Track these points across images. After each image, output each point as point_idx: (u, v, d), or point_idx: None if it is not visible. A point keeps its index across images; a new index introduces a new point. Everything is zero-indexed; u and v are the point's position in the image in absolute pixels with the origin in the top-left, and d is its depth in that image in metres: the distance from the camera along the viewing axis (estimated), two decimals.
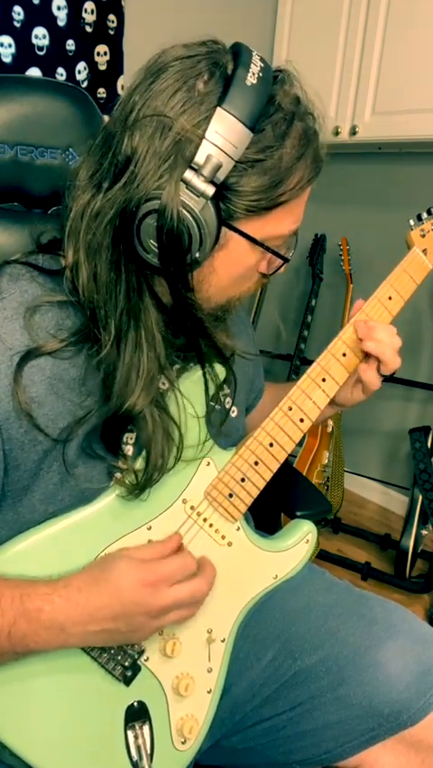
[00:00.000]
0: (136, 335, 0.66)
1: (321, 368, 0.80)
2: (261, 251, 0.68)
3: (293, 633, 0.86)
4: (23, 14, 1.69)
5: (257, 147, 0.62)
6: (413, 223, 0.85)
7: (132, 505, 0.72)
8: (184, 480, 0.76)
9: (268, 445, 0.78)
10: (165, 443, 0.70)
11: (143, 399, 0.67)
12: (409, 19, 1.88)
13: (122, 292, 0.65)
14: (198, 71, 0.61)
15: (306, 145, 0.65)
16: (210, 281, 0.68)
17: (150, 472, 0.70)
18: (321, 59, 2.10)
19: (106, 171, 0.64)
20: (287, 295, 2.71)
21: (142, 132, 0.61)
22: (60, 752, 0.70)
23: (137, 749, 0.72)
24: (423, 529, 2.02)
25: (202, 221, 0.61)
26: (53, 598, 0.64)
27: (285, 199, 0.65)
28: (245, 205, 0.63)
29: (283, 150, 0.63)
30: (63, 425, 0.68)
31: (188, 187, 0.60)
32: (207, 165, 0.59)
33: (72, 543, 0.70)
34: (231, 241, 0.66)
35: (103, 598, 0.65)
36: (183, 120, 0.60)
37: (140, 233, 0.62)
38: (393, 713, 0.79)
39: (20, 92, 0.94)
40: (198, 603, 0.73)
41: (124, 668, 0.72)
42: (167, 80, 0.61)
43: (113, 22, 1.87)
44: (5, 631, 0.63)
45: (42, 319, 0.67)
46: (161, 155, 0.60)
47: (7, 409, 0.65)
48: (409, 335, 2.30)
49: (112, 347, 0.66)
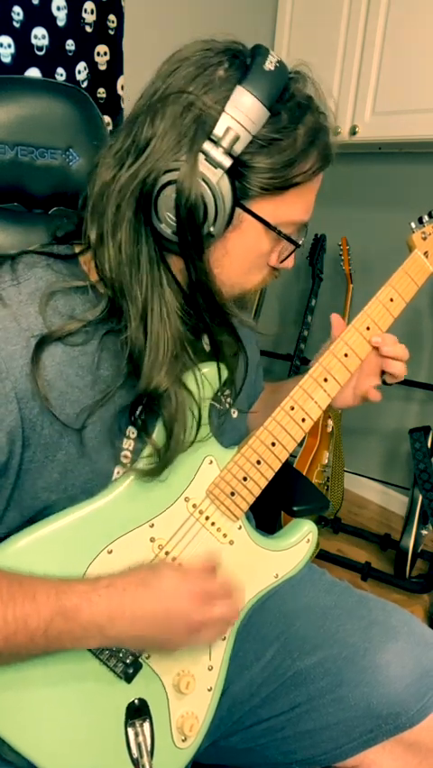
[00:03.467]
0: (160, 308, 0.68)
1: (323, 368, 0.80)
2: (272, 238, 0.70)
3: (292, 633, 0.86)
4: (22, 15, 1.69)
5: (273, 127, 0.64)
6: (414, 225, 0.86)
7: (134, 502, 0.72)
8: (186, 478, 0.76)
9: (270, 444, 0.78)
10: (185, 419, 0.72)
11: (169, 377, 0.69)
12: (409, 19, 1.89)
13: (144, 264, 0.67)
14: (218, 60, 0.64)
15: (318, 134, 0.67)
16: (223, 264, 0.69)
17: (172, 450, 0.71)
18: (321, 59, 2.09)
19: (129, 149, 0.66)
20: (287, 295, 2.71)
21: (164, 111, 0.64)
22: (61, 748, 0.70)
23: (138, 746, 0.72)
24: (423, 529, 2.03)
25: (219, 192, 0.64)
26: (91, 597, 0.64)
27: (299, 181, 0.67)
28: (260, 183, 0.65)
29: (297, 133, 0.65)
30: (71, 412, 0.68)
31: (207, 159, 0.63)
32: (226, 137, 0.62)
33: (75, 539, 0.70)
34: (244, 222, 0.68)
35: (149, 602, 0.66)
36: (205, 98, 0.63)
37: (158, 205, 0.64)
38: (392, 715, 0.79)
39: (20, 92, 0.94)
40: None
41: (126, 665, 0.72)
42: (188, 68, 0.64)
43: (113, 22, 1.86)
44: (42, 629, 0.62)
45: (57, 304, 0.68)
46: (182, 130, 0.63)
47: (24, 389, 0.66)
48: (410, 335, 2.30)
49: (139, 321, 0.67)
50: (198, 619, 0.68)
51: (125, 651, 0.72)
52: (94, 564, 0.70)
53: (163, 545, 0.74)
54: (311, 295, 2.31)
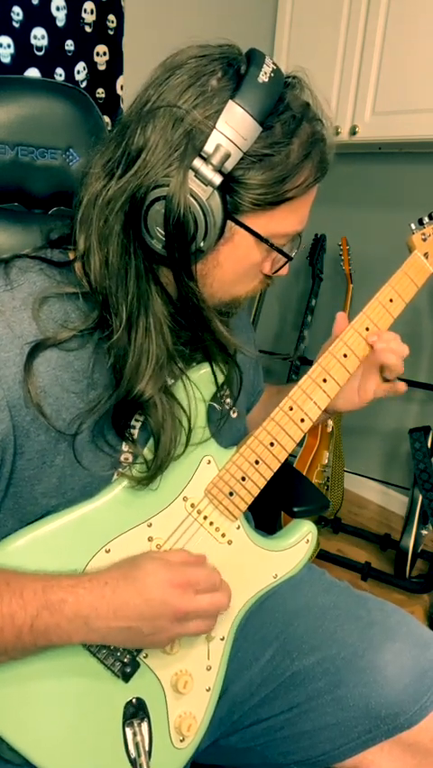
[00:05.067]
0: (146, 322, 0.68)
1: (322, 368, 0.80)
2: (265, 249, 0.69)
3: (291, 633, 0.86)
4: (21, 15, 1.69)
5: (266, 142, 0.63)
6: (414, 227, 0.86)
7: (132, 502, 0.72)
8: (185, 477, 0.76)
9: (269, 444, 0.78)
10: (174, 429, 0.71)
11: (153, 386, 0.68)
12: (409, 19, 1.88)
13: (132, 278, 0.67)
14: (211, 69, 0.63)
15: (313, 146, 0.66)
16: (215, 275, 0.69)
17: (160, 458, 0.71)
18: (321, 59, 2.10)
19: (119, 160, 0.66)
20: (287, 295, 2.71)
21: (155, 123, 0.63)
22: (58, 747, 0.70)
23: (135, 746, 0.72)
24: (423, 529, 2.03)
25: (208, 209, 0.63)
26: (77, 590, 0.65)
27: (291, 195, 0.66)
28: (252, 199, 0.65)
29: (291, 148, 0.64)
30: (67, 417, 0.68)
31: (197, 175, 0.62)
32: (216, 154, 0.61)
33: (73, 538, 0.71)
34: (236, 235, 0.67)
35: (130, 594, 0.66)
36: (196, 112, 0.62)
37: (147, 219, 0.64)
38: (390, 716, 0.79)
39: (20, 93, 0.94)
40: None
41: (123, 664, 0.72)
42: (181, 76, 0.63)
43: (112, 22, 1.87)
44: (28, 624, 0.63)
45: (51, 310, 0.68)
46: (172, 144, 0.62)
47: (16, 396, 0.66)
48: (410, 335, 2.29)
49: (123, 332, 0.67)
50: (182, 608, 0.67)
51: (123, 649, 0.72)
52: (92, 563, 0.71)
53: (161, 545, 0.74)
54: (311, 295, 2.31)
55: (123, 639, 0.68)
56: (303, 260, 2.38)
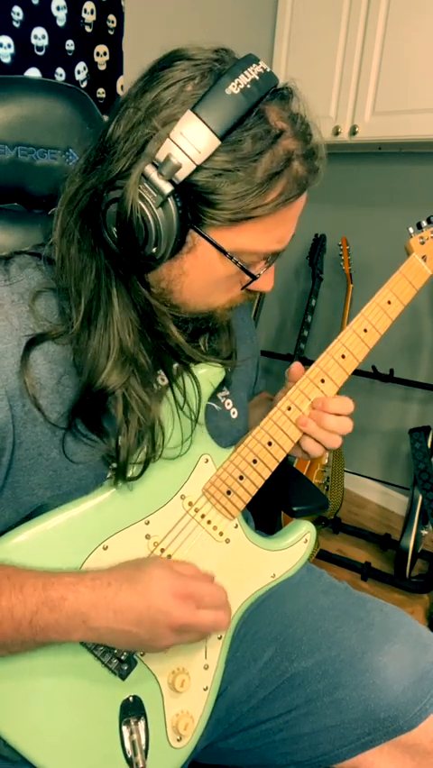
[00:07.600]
0: (105, 318, 0.68)
1: (320, 369, 0.80)
2: (231, 263, 0.67)
3: (290, 635, 0.86)
4: (22, 15, 1.70)
5: (230, 156, 0.61)
6: (412, 230, 0.87)
7: (130, 499, 0.72)
8: (182, 476, 0.76)
9: (266, 444, 0.78)
10: (139, 429, 0.70)
11: (115, 379, 0.68)
12: (409, 19, 1.89)
13: (91, 274, 0.67)
14: (190, 74, 0.62)
15: (287, 163, 0.63)
16: (182, 283, 0.68)
17: (122, 457, 0.70)
18: (321, 59, 2.10)
19: (89, 157, 0.67)
20: (287, 295, 2.72)
21: (124, 122, 0.63)
22: (54, 744, 0.70)
23: (132, 745, 0.71)
24: (423, 529, 2.03)
25: (158, 217, 0.62)
26: (78, 588, 0.65)
27: (257, 214, 0.63)
28: (212, 213, 0.63)
29: (258, 165, 0.61)
30: (61, 410, 0.69)
31: (148, 182, 0.61)
32: (167, 164, 0.60)
33: (71, 535, 0.71)
34: (199, 246, 0.66)
35: (131, 597, 0.66)
36: (158, 117, 0.61)
37: (105, 219, 0.64)
38: (389, 718, 0.79)
39: (20, 92, 0.94)
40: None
41: (120, 661, 0.72)
42: (164, 76, 0.62)
43: (112, 22, 1.87)
44: (27, 619, 0.63)
45: (48, 305, 0.69)
46: (133, 147, 0.62)
47: (14, 387, 0.66)
48: (410, 335, 2.30)
49: (82, 326, 0.67)
50: (183, 620, 0.67)
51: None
52: (89, 560, 0.71)
53: (159, 542, 0.74)
54: (311, 295, 2.31)
55: (120, 641, 0.68)
56: (303, 260, 2.38)
